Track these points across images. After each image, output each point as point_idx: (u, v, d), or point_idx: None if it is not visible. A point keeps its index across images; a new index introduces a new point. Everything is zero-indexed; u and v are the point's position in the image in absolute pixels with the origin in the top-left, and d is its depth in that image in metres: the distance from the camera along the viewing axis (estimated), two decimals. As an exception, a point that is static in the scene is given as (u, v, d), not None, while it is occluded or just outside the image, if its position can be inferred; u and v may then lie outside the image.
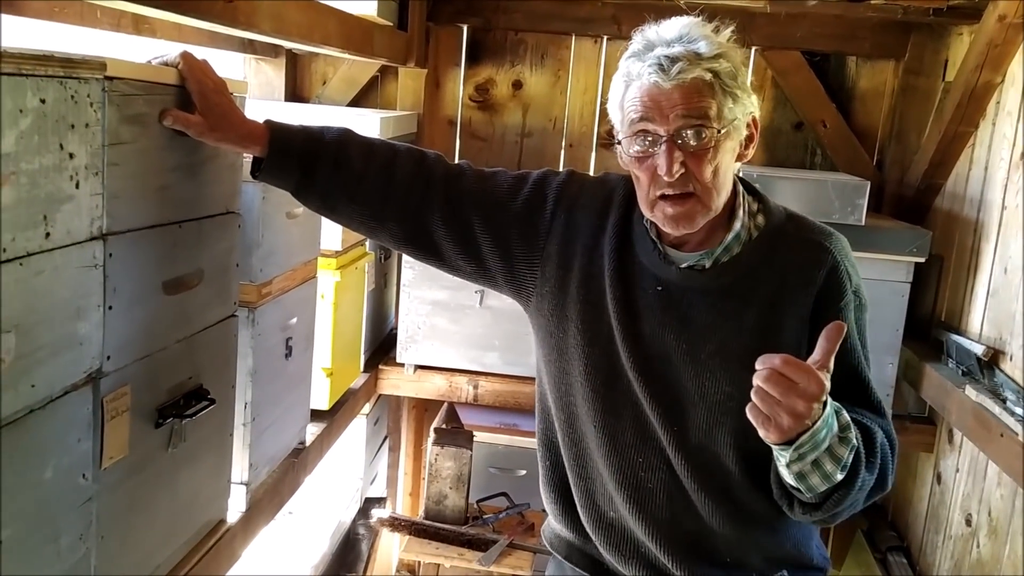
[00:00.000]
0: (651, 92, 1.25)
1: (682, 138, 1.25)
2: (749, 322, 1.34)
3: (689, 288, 1.36)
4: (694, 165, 1.26)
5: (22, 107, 0.90)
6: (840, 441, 1.20)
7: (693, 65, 1.23)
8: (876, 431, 1.31)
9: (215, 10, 1.37)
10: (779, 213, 1.40)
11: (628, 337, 1.38)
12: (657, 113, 1.25)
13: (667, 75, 1.23)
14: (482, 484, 2.69)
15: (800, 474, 1.19)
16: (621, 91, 1.31)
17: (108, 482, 1.17)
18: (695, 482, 1.38)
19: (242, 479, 1.68)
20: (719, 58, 1.25)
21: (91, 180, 1.05)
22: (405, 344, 2.67)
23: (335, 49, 2.11)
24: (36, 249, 0.96)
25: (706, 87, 1.24)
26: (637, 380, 1.38)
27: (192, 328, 1.37)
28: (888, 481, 1.33)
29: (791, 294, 1.34)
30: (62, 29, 1.75)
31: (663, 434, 1.38)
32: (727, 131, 1.27)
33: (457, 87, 3.12)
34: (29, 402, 0.98)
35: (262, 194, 1.61)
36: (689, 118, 1.24)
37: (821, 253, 1.35)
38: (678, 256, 1.38)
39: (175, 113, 1.24)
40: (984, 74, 2.37)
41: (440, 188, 1.45)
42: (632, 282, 1.39)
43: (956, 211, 2.62)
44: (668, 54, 1.24)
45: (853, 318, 1.36)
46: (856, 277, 1.37)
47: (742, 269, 1.35)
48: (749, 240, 1.37)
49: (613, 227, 1.42)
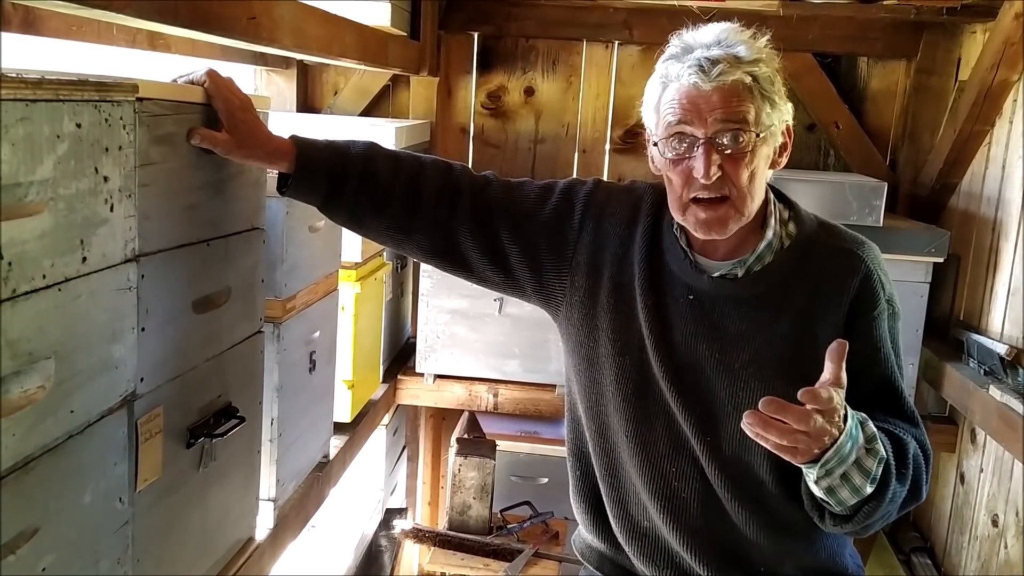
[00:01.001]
0: (690, 94, 1.25)
1: (720, 141, 1.24)
2: (782, 332, 1.33)
3: (721, 297, 1.35)
4: (730, 169, 1.25)
5: (59, 133, 0.90)
6: (867, 453, 1.18)
7: (733, 68, 1.23)
8: (908, 441, 1.30)
9: (239, 27, 1.37)
10: (810, 221, 1.39)
11: (660, 346, 1.37)
12: (695, 116, 1.24)
13: (707, 76, 1.23)
14: (504, 493, 2.67)
15: (829, 488, 1.18)
16: (658, 93, 1.30)
17: (143, 505, 1.16)
18: (729, 492, 1.37)
19: (269, 496, 1.67)
20: (758, 63, 1.25)
21: (124, 202, 1.05)
22: (424, 354, 2.66)
23: (352, 61, 2.10)
24: (74, 274, 0.95)
25: (745, 91, 1.24)
26: (669, 390, 1.37)
27: (221, 346, 1.37)
28: (923, 491, 1.31)
29: (824, 303, 1.33)
30: (73, 46, 1.75)
31: (696, 444, 1.37)
32: (764, 137, 1.26)
33: (469, 95, 3.12)
34: (68, 428, 0.97)
35: (286, 209, 1.61)
36: (728, 122, 1.24)
37: (854, 262, 1.34)
38: (709, 264, 1.37)
39: (203, 131, 1.24)
40: (1000, 72, 2.36)
41: (467, 200, 1.45)
42: (663, 291, 1.38)
43: (973, 210, 2.60)
44: (708, 56, 1.24)
45: (887, 327, 1.35)
46: (889, 286, 1.37)
47: (775, 278, 1.34)
48: (781, 249, 1.36)
49: (642, 235, 1.41)
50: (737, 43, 1.25)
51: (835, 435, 1.14)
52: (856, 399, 1.33)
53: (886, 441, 1.24)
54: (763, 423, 1.11)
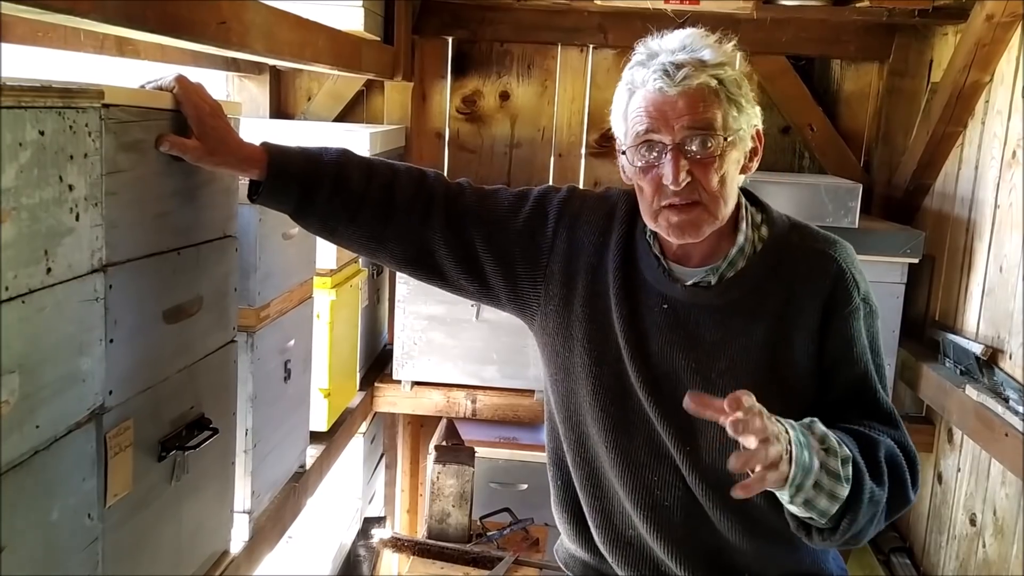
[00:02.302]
0: (656, 100, 1.24)
1: (688, 147, 1.24)
2: (758, 338, 1.32)
3: (695, 305, 1.34)
4: (700, 174, 1.24)
5: (21, 140, 0.88)
6: (826, 454, 1.16)
7: (698, 71, 1.22)
8: (878, 439, 1.27)
9: (208, 32, 1.34)
10: (782, 223, 1.39)
11: (636, 356, 1.36)
12: (663, 123, 1.24)
13: (672, 81, 1.22)
14: (484, 500, 2.65)
15: (807, 502, 1.15)
16: (625, 100, 1.30)
17: (113, 521, 1.14)
18: (711, 499, 1.36)
19: (244, 507, 1.64)
20: (724, 66, 1.24)
21: (91, 211, 1.02)
22: (401, 360, 2.64)
23: (325, 66, 2.08)
24: (38, 285, 0.93)
25: (711, 94, 1.23)
26: (647, 399, 1.36)
27: (193, 356, 1.34)
28: (909, 493, 1.29)
29: (799, 307, 1.32)
30: (40, 53, 1.71)
31: (676, 453, 1.36)
32: (732, 140, 1.26)
33: (444, 99, 3.10)
34: (34, 443, 0.94)
35: (259, 216, 1.58)
36: (694, 128, 1.23)
37: (827, 262, 1.34)
38: (683, 272, 1.36)
39: (172, 138, 1.21)
40: (972, 74, 2.38)
41: (441, 208, 1.43)
42: (638, 300, 1.37)
43: (947, 211, 2.62)
44: (673, 60, 1.23)
45: (863, 325, 1.34)
46: (864, 284, 1.36)
47: (748, 284, 1.33)
48: (754, 253, 1.35)
49: (616, 244, 1.40)
50: (702, 47, 1.25)
51: (789, 450, 1.11)
52: (831, 400, 1.33)
53: (849, 441, 1.22)
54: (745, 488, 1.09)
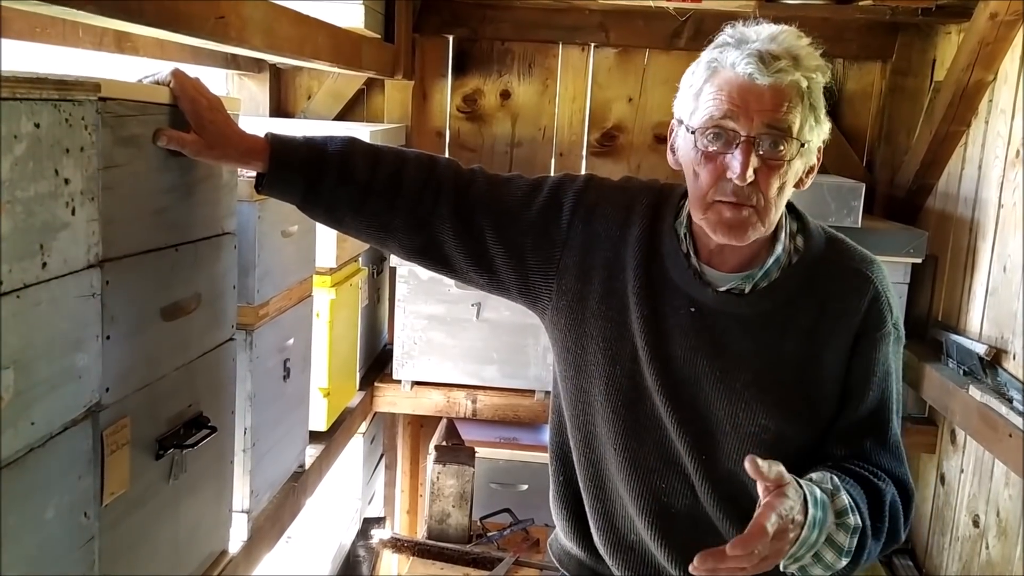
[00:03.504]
0: (742, 86, 1.17)
1: (760, 144, 1.18)
2: (787, 353, 1.28)
3: (725, 313, 1.30)
4: (762, 176, 1.18)
5: (16, 133, 0.86)
6: (838, 528, 1.15)
7: (793, 68, 1.16)
8: (886, 490, 1.25)
9: (206, 27, 1.33)
10: (819, 236, 1.34)
11: (656, 359, 1.31)
12: (743, 112, 1.17)
13: (766, 70, 1.15)
14: (484, 500, 2.64)
15: (801, 568, 1.15)
16: (703, 78, 1.22)
17: (109, 519, 1.12)
18: (720, 509, 1.33)
19: (243, 507, 1.63)
20: (816, 70, 1.19)
21: (87, 206, 1.01)
22: (401, 360, 2.63)
23: (325, 63, 2.07)
24: (33, 280, 0.91)
25: (797, 96, 1.17)
26: (664, 404, 1.32)
27: (191, 354, 1.33)
28: (901, 535, 1.28)
29: (831, 325, 1.29)
30: (38, 49, 1.70)
31: (689, 461, 1.33)
32: (802, 150, 1.20)
33: (444, 98, 3.09)
34: (29, 440, 0.93)
35: (258, 213, 1.57)
36: (772, 127, 1.17)
37: (864, 283, 1.30)
38: (715, 276, 1.31)
39: (169, 132, 1.20)
40: (976, 73, 2.36)
41: (450, 197, 1.38)
42: (661, 300, 1.32)
43: (950, 211, 2.61)
44: (769, 50, 1.16)
45: (889, 351, 1.31)
46: (896, 309, 1.32)
47: (781, 297, 1.29)
48: (788, 265, 1.30)
49: (637, 239, 1.35)
50: (797, 46, 1.18)
51: (797, 532, 1.10)
52: (845, 424, 1.31)
53: (861, 500, 1.20)
54: None
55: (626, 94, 3.05)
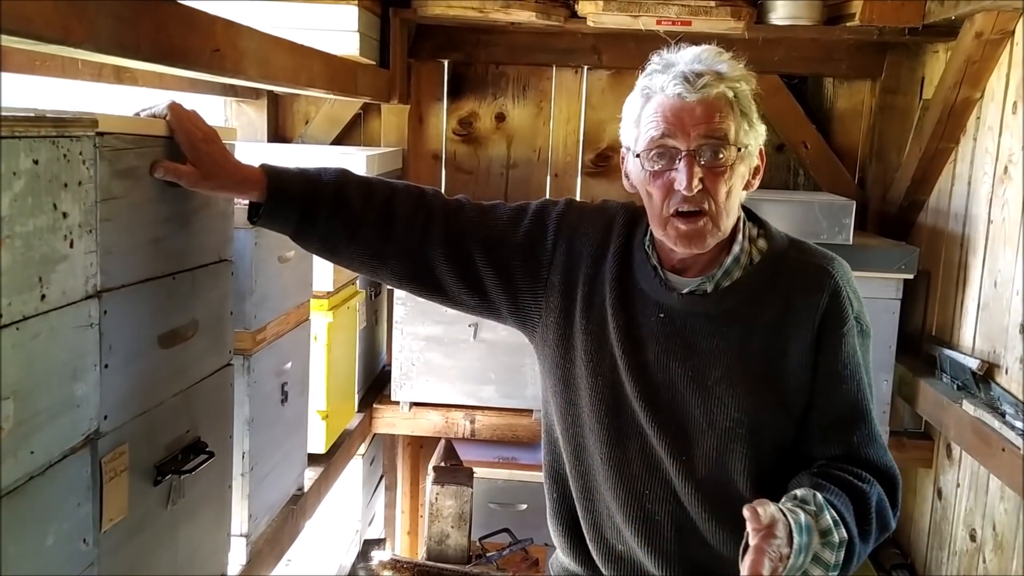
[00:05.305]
0: (674, 106, 1.26)
1: (701, 155, 1.26)
2: (754, 347, 1.34)
3: (691, 314, 1.36)
4: (710, 183, 1.27)
5: (15, 170, 0.89)
6: (824, 546, 1.19)
7: (717, 81, 1.26)
8: (871, 494, 1.30)
9: (203, 60, 1.36)
10: (781, 239, 1.41)
11: (632, 366, 1.37)
12: (679, 129, 1.26)
13: (692, 87, 1.25)
14: (483, 520, 2.64)
15: None
16: (639, 106, 1.32)
17: (108, 546, 1.14)
18: (704, 512, 1.36)
19: (242, 531, 1.65)
20: (739, 80, 1.28)
21: (85, 238, 1.03)
22: (399, 381, 2.64)
23: (321, 90, 2.10)
24: (32, 312, 0.94)
25: (727, 106, 1.26)
26: (643, 410, 1.37)
27: (188, 380, 1.35)
28: (891, 525, 1.33)
29: (795, 318, 1.34)
30: (37, 81, 1.73)
31: (670, 464, 1.37)
32: (742, 154, 1.28)
33: (440, 121, 3.13)
34: (29, 469, 0.95)
35: (255, 240, 1.60)
36: (709, 137, 1.26)
37: (824, 277, 1.36)
38: (679, 281, 1.38)
39: (166, 164, 1.23)
40: (963, 91, 2.40)
41: (440, 224, 1.45)
42: (634, 310, 1.39)
43: (941, 227, 2.63)
44: (692, 69, 1.26)
45: (856, 344, 1.36)
46: (858, 303, 1.38)
47: (745, 293, 1.35)
48: (751, 264, 1.37)
49: (614, 255, 1.42)
50: (718, 61, 1.28)
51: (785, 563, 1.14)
52: (826, 421, 1.35)
53: (847, 510, 1.24)
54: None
55: (619, 115, 3.06)
